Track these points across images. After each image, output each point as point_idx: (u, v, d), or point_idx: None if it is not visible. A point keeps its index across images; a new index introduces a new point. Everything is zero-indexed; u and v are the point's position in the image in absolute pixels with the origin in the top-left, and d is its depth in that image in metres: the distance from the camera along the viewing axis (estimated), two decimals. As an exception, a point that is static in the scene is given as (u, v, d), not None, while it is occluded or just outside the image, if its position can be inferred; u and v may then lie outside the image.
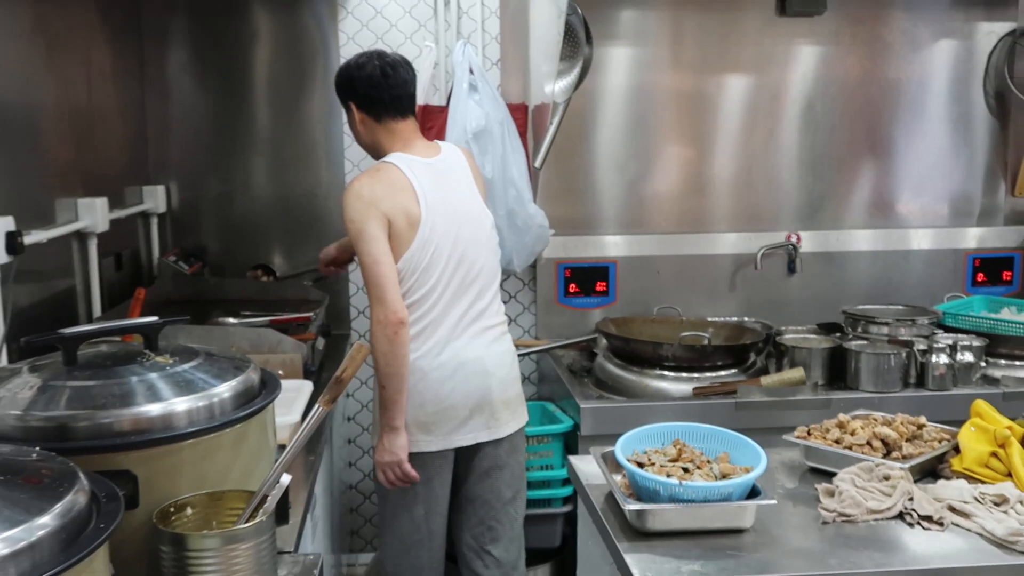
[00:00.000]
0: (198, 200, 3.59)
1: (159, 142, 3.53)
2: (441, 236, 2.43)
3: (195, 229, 3.60)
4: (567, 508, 2.85)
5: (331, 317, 3.45)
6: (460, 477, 2.59)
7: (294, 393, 2.34)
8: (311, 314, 3.06)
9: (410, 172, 2.44)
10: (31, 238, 2.20)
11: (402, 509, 2.57)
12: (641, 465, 1.84)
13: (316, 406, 1.53)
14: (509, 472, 2.57)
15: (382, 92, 2.49)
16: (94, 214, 2.70)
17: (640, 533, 1.75)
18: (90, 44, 2.98)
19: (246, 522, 1.42)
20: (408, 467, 2.45)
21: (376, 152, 2.57)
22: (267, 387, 1.67)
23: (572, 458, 2.20)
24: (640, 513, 1.74)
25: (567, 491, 2.81)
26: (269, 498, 1.45)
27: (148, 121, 3.51)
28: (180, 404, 1.45)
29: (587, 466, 2.09)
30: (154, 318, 1.65)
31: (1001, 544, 1.69)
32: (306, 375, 2.63)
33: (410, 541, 2.58)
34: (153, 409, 1.42)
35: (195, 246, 3.58)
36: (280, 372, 2.34)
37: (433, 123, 3.22)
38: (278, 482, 1.46)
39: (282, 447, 1.56)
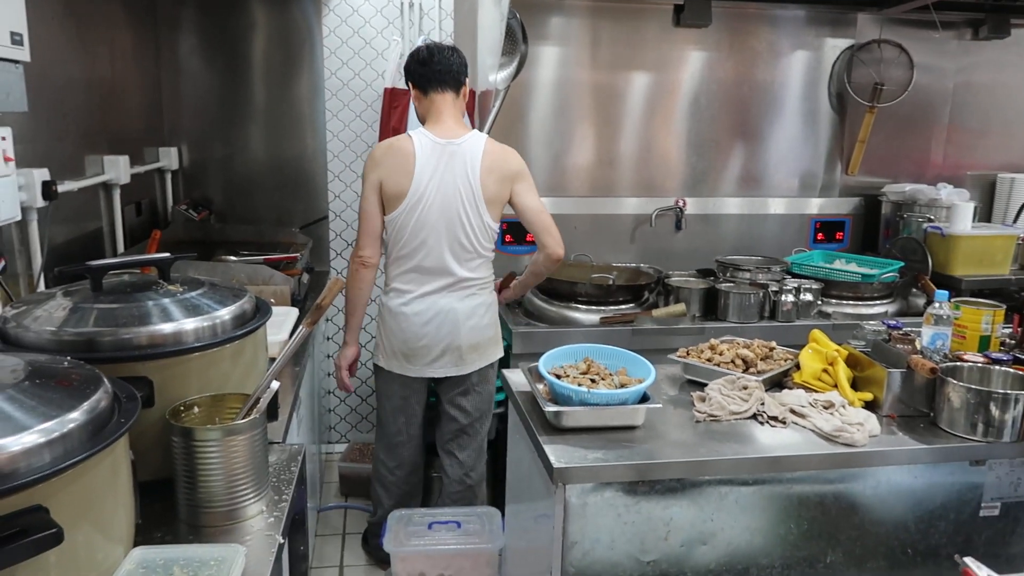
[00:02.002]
0: (205, 160, 3.47)
1: (172, 111, 3.39)
2: (428, 208, 2.36)
3: (202, 183, 3.49)
4: (500, 410, 2.86)
5: (314, 257, 3.39)
6: (439, 396, 2.60)
7: (283, 317, 2.29)
8: (298, 254, 2.99)
9: (419, 147, 2.36)
10: (64, 187, 2.09)
11: (389, 417, 2.60)
12: (559, 377, 1.84)
13: (300, 327, 1.50)
14: (477, 397, 2.56)
15: (427, 67, 2.40)
16: (118, 169, 2.59)
17: (556, 429, 1.76)
18: (114, 28, 2.83)
19: (243, 418, 1.39)
20: (344, 374, 2.58)
21: (422, 123, 2.46)
22: (260, 312, 1.63)
23: (505, 371, 2.20)
24: (557, 414, 1.75)
25: (501, 396, 2.82)
26: (261, 399, 1.42)
27: (163, 94, 3.37)
28: (188, 324, 1.41)
29: (516, 377, 2.10)
30: (167, 254, 1.59)
31: (828, 438, 1.75)
32: (293, 303, 2.58)
33: (395, 440, 2.61)
34: (166, 327, 1.38)
35: (202, 197, 3.48)
36: (272, 300, 2.30)
37: (399, 103, 3.14)
38: (269, 387, 1.43)
39: (272, 359, 1.52)
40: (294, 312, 2.40)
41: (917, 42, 3.58)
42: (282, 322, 2.24)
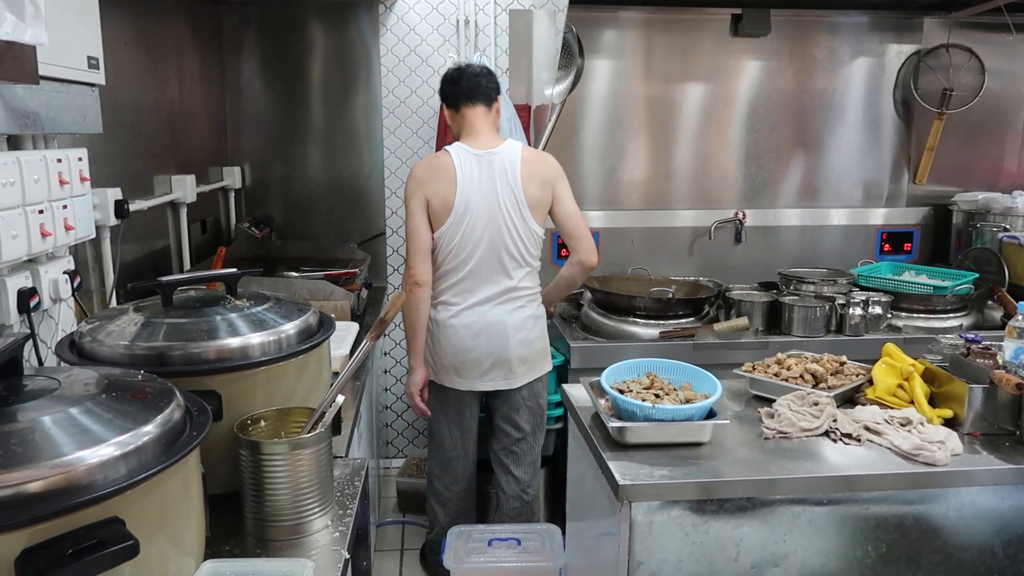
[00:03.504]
0: (266, 178, 3.54)
1: (235, 131, 3.48)
2: (474, 218, 2.37)
3: (264, 201, 3.56)
4: (558, 426, 2.83)
5: (372, 272, 3.42)
6: (492, 411, 2.59)
7: (344, 332, 2.30)
8: (357, 270, 3.02)
9: (458, 160, 2.39)
10: (135, 206, 2.15)
11: (444, 432, 2.59)
12: (621, 392, 1.81)
13: (364, 341, 1.50)
14: (528, 412, 2.53)
15: (457, 85, 2.45)
16: (184, 188, 2.65)
17: (620, 445, 1.73)
18: (181, 52, 2.92)
19: (308, 432, 1.39)
20: (418, 400, 2.53)
21: (458, 140, 2.50)
22: (324, 326, 1.63)
23: (565, 386, 2.17)
24: (621, 429, 1.71)
25: (558, 412, 2.79)
26: (327, 413, 1.43)
27: (227, 115, 3.46)
28: (255, 338, 1.42)
29: (577, 392, 2.07)
30: (234, 270, 1.61)
31: (906, 456, 1.67)
32: (353, 318, 2.60)
33: (449, 456, 2.60)
34: (234, 342, 1.39)
35: (264, 215, 3.55)
36: (332, 315, 2.31)
37: (455, 119, 3.15)
38: (334, 401, 1.43)
39: (335, 374, 1.53)
40: (354, 327, 2.41)
41: (988, 46, 3.46)
42: (343, 337, 2.26)
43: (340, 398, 1.44)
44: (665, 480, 1.59)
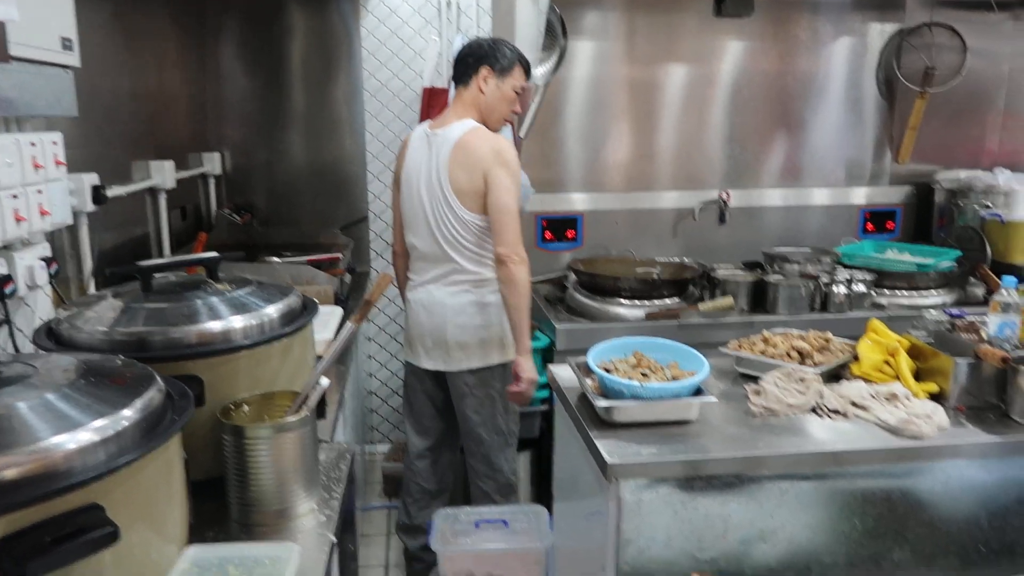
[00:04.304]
0: (247, 164, 3.50)
1: (215, 117, 3.43)
2: (416, 196, 2.38)
3: (245, 188, 3.52)
4: (544, 407, 2.82)
5: (356, 257, 3.39)
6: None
7: (328, 316, 2.28)
8: (340, 255, 2.99)
9: (413, 137, 2.44)
10: (113, 192, 2.11)
11: (405, 408, 2.63)
12: (608, 371, 1.80)
13: (348, 323, 1.48)
14: (475, 401, 2.44)
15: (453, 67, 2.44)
16: (163, 174, 2.61)
17: (607, 424, 1.72)
18: (160, 36, 2.87)
19: (293, 416, 1.37)
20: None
21: None
22: (307, 309, 1.61)
23: (551, 366, 2.16)
24: (608, 409, 1.70)
25: (544, 394, 2.78)
26: (311, 396, 1.41)
27: (207, 100, 3.40)
28: (237, 322, 1.39)
29: (563, 372, 2.06)
30: (214, 253, 1.59)
31: (893, 430, 1.68)
32: (337, 302, 2.57)
33: (407, 431, 2.63)
34: (215, 326, 1.37)
35: (245, 201, 3.51)
36: (316, 300, 2.29)
37: (437, 102, 3.12)
38: (318, 383, 1.41)
39: (319, 358, 1.51)
40: (338, 311, 2.39)
41: (970, 24, 3.46)
42: (327, 321, 2.24)
43: (324, 381, 1.42)
44: (653, 458, 1.59)
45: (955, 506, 1.68)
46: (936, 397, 1.81)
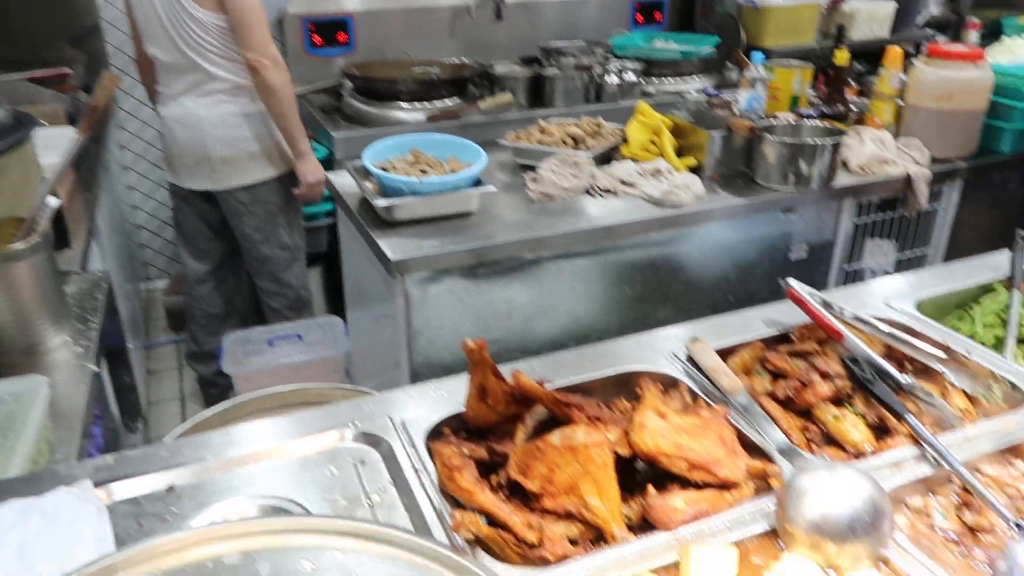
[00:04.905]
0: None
1: None
2: (147, 7, 2.06)
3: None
4: (330, 220, 2.72)
5: (93, 73, 2.93)
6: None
7: (58, 138, 1.97)
8: (67, 70, 2.57)
9: None
10: None
11: (178, 234, 2.44)
12: (386, 170, 1.73)
13: (74, 135, 1.28)
14: (254, 219, 2.28)
15: None
16: None
17: (390, 224, 1.68)
18: None
19: (20, 244, 1.20)
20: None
21: None
22: (22, 124, 1.37)
23: (329, 174, 2.06)
24: (389, 207, 1.66)
25: (328, 207, 2.67)
26: (38, 220, 1.23)
27: None
28: (-79, 135, 1.15)
29: (342, 179, 1.97)
30: None
31: (657, 203, 1.79)
32: (72, 123, 2.23)
33: (182, 256, 2.45)
34: None
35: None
36: (44, 123, 1.98)
37: None
38: (44, 205, 1.23)
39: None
40: (70, 131, 2.07)
41: None
42: (57, 144, 1.93)
43: (52, 201, 1.24)
44: (437, 250, 1.59)
45: (709, 266, 1.86)
46: (695, 170, 1.94)
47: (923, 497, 0.90)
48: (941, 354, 1.07)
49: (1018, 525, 0.80)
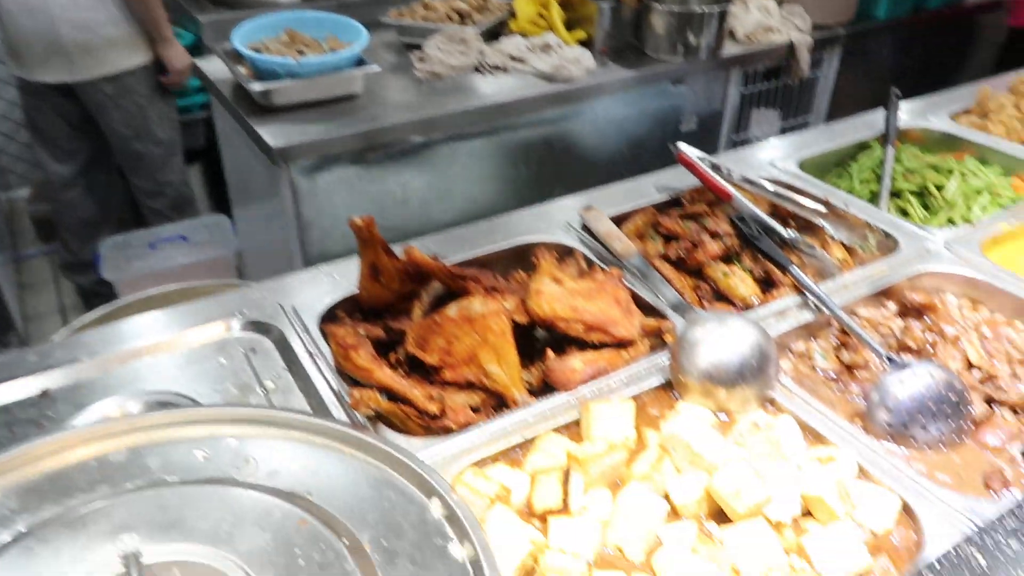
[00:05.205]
0: None
1: None
2: None
3: None
4: (205, 114, 2.54)
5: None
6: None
7: None
8: None
9: None
10: None
11: (34, 135, 2.22)
12: (259, 51, 1.61)
13: None
14: (122, 112, 2.11)
15: None
16: None
17: (268, 110, 1.58)
18: None
19: None
20: None
21: None
22: None
23: (198, 61, 1.91)
24: (266, 92, 1.55)
25: (202, 98, 2.49)
26: None
27: None
28: None
29: (212, 65, 1.82)
30: None
31: (547, 78, 1.75)
32: None
33: (42, 159, 2.24)
34: None
35: None
36: None
37: None
38: None
39: None
40: None
41: None
42: None
43: None
44: (321, 136, 1.51)
45: (603, 142, 1.85)
46: (585, 43, 1.89)
47: (805, 342, 0.95)
48: (822, 208, 1.11)
49: (889, 359, 0.86)
